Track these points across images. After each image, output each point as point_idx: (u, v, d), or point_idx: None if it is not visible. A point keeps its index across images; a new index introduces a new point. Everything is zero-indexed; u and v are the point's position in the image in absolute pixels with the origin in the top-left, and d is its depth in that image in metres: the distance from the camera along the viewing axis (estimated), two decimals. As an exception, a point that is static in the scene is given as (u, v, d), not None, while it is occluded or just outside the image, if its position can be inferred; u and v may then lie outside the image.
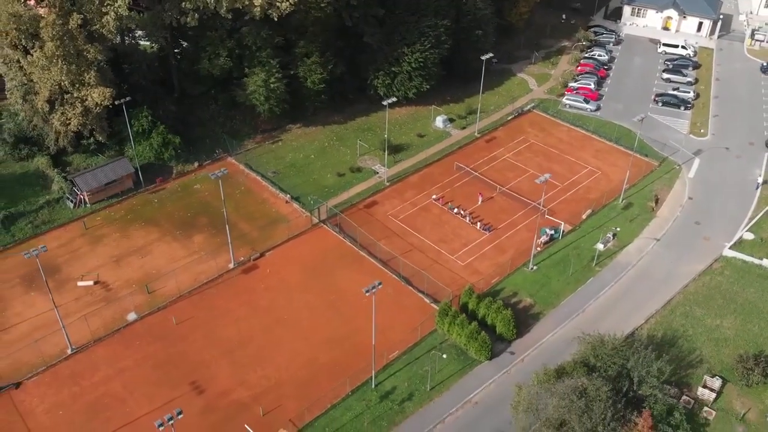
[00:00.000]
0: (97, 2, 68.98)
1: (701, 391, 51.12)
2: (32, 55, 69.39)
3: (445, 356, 58.19)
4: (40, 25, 66.12)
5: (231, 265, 68.58)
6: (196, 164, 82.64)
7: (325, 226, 74.21)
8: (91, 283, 65.87)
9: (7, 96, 75.96)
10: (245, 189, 79.71)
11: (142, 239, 71.64)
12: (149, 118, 78.01)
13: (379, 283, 51.12)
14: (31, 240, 71.07)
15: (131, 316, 62.69)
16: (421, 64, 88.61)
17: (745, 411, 50.26)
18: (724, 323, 59.47)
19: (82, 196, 75.11)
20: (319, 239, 72.81)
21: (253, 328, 62.01)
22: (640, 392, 47.76)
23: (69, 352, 59.14)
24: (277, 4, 73.52)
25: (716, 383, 51.53)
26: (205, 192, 79.07)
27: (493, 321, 59.90)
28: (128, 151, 79.98)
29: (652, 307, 62.52)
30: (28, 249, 57.20)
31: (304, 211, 75.63)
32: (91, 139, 79.19)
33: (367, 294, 49.84)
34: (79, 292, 65.01)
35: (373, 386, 56.54)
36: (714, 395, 50.61)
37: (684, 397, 49.99)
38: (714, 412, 50.12)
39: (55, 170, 77.64)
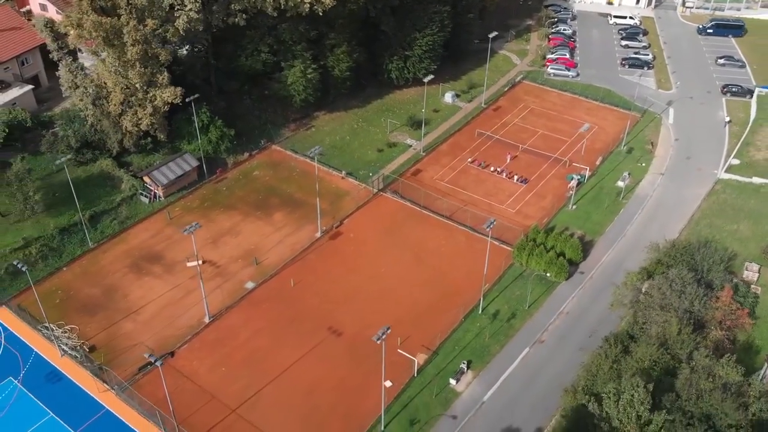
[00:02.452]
0: (168, 7, 74.73)
1: (746, 274, 65.21)
2: (106, 61, 74.20)
3: (549, 275, 69.04)
4: (124, 30, 71.31)
5: (318, 234, 76.61)
6: (246, 154, 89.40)
7: (383, 194, 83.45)
8: (199, 262, 72.00)
9: (75, 102, 79.60)
10: (300, 171, 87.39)
11: (227, 222, 78.17)
12: (207, 114, 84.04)
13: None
14: (120, 234, 76.11)
15: (249, 285, 69.79)
16: (431, 46, 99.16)
17: (780, 284, 65.11)
18: (740, 227, 74.16)
19: (156, 191, 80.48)
20: (383, 205, 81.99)
21: (357, 283, 70.59)
22: (709, 278, 60.72)
23: (206, 321, 65.68)
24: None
25: (755, 267, 65.74)
26: (265, 177, 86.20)
27: (562, 248, 71.56)
28: (184, 147, 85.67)
29: (680, 224, 76.47)
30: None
31: (361, 183, 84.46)
32: (148, 139, 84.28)
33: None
34: (191, 271, 71.15)
35: (480, 311, 66.86)
36: (756, 275, 64.78)
37: (735, 280, 63.57)
38: (759, 288, 64.24)
39: (122, 170, 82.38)
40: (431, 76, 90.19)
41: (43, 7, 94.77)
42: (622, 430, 43.02)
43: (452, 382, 59.81)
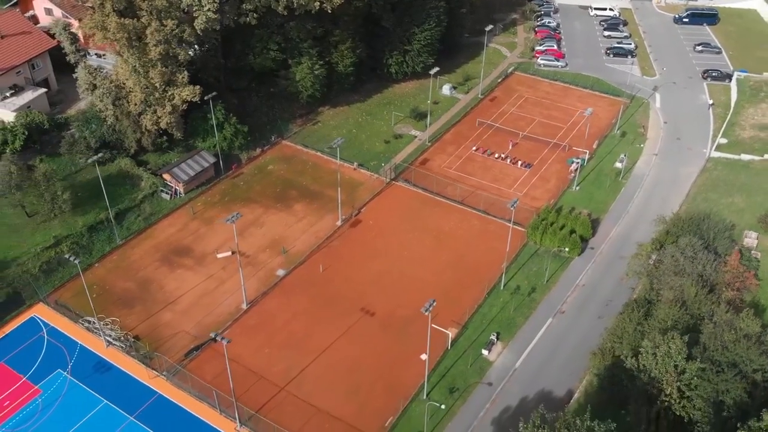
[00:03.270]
0: (187, 8, 77.03)
1: (746, 241, 70.52)
2: (128, 61, 76.21)
3: (567, 250, 73.33)
4: (147, 31, 73.44)
5: (339, 223, 79.78)
6: (258, 150, 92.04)
7: (396, 183, 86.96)
8: (229, 253, 74.67)
9: (95, 102, 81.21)
10: (312, 164, 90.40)
11: (250, 214, 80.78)
12: (222, 111, 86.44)
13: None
14: (146, 230, 78.23)
15: (280, 272, 72.68)
16: (428, 41, 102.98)
17: (778, 248, 70.66)
18: (735, 200, 79.61)
19: (176, 188, 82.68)
20: (397, 193, 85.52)
21: (382, 266, 74.00)
22: (715, 245, 65.70)
23: (244, 307, 68.42)
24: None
25: (753, 234, 71.09)
26: (280, 171, 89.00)
27: (573, 226, 75.98)
28: (198, 144, 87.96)
29: (678, 199, 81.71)
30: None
31: (373, 174, 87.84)
32: (164, 138, 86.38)
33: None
34: (222, 262, 73.74)
35: (502, 287, 70.88)
36: (756, 242, 70.11)
37: (737, 246, 68.75)
38: (759, 253, 69.58)
39: (140, 168, 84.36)
40: (436, 69, 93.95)
41: (48, 11, 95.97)
42: (660, 379, 47.32)
43: (484, 352, 63.71)
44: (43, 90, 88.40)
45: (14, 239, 74.66)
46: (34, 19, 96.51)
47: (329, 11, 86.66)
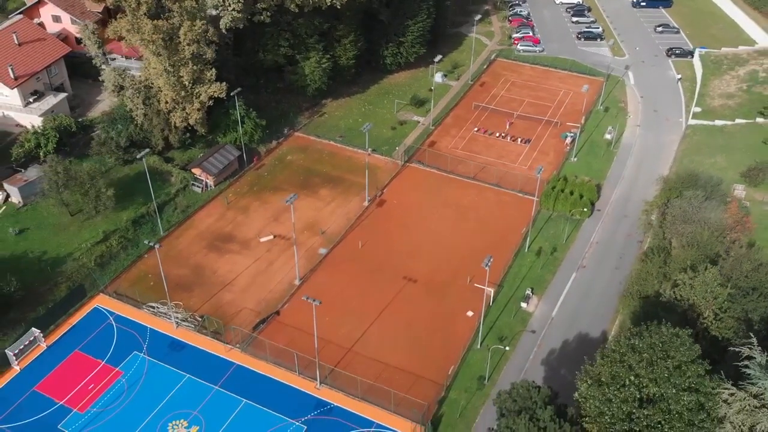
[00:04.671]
0: (212, 8, 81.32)
1: (735, 193, 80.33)
2: (163, 60, 79.95)
3: (586, 210, 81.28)
4: (180, 32, 77.48)
5: (365, 203, 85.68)
6: (274, 142, 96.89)
7: (410, 165, 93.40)
8: (271, 237, 79.62)
9: (125, 102, 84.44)
10: (329, 152, 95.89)
11: (280, 201, 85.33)
12: (243, 107, 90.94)
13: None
14: (186, 222, 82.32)
15: (322, 251, 78.16)
16: (421, 32, 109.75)
17: (761, 198, 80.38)
18: (717, 160, 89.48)
19: (207, 181, 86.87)
20: (413, 174, 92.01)
21: (415, 239, 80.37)
22: (713, 197, 74.86)
23: (297, 283, 73.69)
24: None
25: (740, 187, 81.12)
26: (299, 160, 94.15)
27: (581, 191, 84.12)
28: (220, 139, 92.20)
29: (667, 162, 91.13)
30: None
31: (387, 158, 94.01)
32: (187, 134, 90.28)
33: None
34: (267, 245, 78.67)
35: (526, 249, 78.35)
36: (744, 193, 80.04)
37: (728, 199, 78.33)
38: (748, 202, 79.35)
39: (169, 164, 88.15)
40: (439, 56, 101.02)
41: (56, 19, 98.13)
42: (698, 304, 55.35)
43: (523, 305, 71.01)
44: (64, 94, 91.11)
45: (63, 237, 77.75)
46: (41, 27, 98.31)
47: (338, 7, 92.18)
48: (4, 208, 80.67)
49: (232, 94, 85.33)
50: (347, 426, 59.46)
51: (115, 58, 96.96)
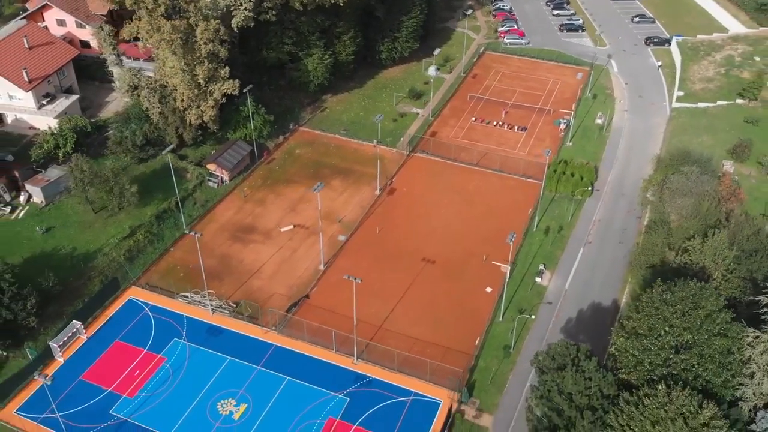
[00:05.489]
0: (224, 8, 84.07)
1: (725, 168, 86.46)
2: (180, 59, 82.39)
3: (589, 189, 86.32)
4: (197, 31, 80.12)
5: (377, 192, 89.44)
6: (281, 137, 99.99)
7: (415, 154, 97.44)
8: (291, 227, 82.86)
9: (141, 101, 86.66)
10: (335, 145, 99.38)
11: (295, 193, 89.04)
12: (253, 103, 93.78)
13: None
14: (206, 215, 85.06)
15: (341, 238, 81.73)
16: (414, 27, 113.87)
17: (748, 173, 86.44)
18: (704, 139, 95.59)
19: (222, 176, 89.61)
20: (419, 163, 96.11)
21: (427, 224, 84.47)
22: (705, 172, 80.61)
23: (322, 268, 77.14)
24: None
25: (729, 162, 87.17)
26: (307, 154, 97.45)
27: (581, 173, 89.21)
28: (230, 135, 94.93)
29: (656, 144, 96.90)
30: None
31: (392, 148, 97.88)
32: (198, 132, 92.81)
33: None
34: (288, 234, 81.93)
35: (534, 228, 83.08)
36: (733, 168, 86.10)
37: (724, 168, 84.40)
38: (737, 177, 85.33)
39: (184, 161, 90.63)
40: (438, 50, 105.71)
41: (61, 22, 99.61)
42: (708, 266, 60.51)
43: (537, 280, 75.65)
44: (76, 96, 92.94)
45: (89, 234, 79.89)
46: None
47: (341, 4, 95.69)
48: (27, 208, 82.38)
49: (244, 90, 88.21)
50: (387, 396, 63.29)
51: (122, 60, 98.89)
